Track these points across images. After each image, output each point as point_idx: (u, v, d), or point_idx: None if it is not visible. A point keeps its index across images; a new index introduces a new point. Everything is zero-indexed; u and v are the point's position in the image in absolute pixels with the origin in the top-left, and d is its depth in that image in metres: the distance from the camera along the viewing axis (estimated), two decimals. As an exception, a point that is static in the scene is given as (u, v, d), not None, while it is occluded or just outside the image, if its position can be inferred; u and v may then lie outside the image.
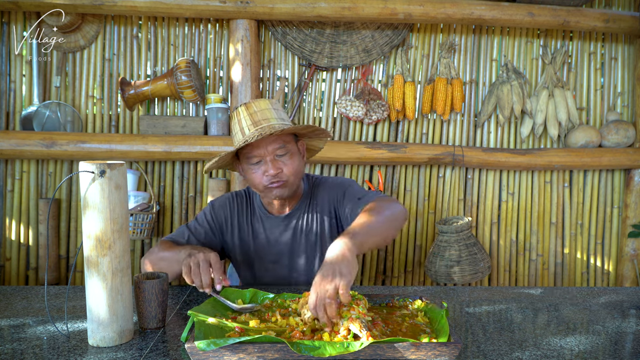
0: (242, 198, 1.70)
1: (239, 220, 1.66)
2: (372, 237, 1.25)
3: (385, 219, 1.33)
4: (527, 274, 3.04)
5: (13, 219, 2.75)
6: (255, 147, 1.46)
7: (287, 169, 1.49)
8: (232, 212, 1.67)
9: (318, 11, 2.59)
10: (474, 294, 1.52)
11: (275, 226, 1.64)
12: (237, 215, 1.66)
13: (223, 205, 1.68)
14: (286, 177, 1.49)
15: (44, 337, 1.12)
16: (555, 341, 1.14)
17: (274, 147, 1.47)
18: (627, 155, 2.86)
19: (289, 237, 1.64)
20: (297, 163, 1.53)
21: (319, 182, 1.69)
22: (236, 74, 2.66)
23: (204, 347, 0.94)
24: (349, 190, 1.59)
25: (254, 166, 1.49)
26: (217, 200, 1.71)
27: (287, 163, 1.49)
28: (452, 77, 2.86)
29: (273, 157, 1.48)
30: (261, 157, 1.48)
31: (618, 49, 3.02)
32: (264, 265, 1.66)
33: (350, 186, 1.62)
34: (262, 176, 1.49)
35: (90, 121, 2.79)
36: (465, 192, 2.99)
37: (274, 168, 1.46)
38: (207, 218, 1.66)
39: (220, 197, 1.72)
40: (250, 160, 1.49)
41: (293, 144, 1.54)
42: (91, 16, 2.72)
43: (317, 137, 1.63)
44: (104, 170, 1.05)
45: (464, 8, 2.66)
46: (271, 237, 1.64)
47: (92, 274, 1.07)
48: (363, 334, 0.99)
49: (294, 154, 1.52)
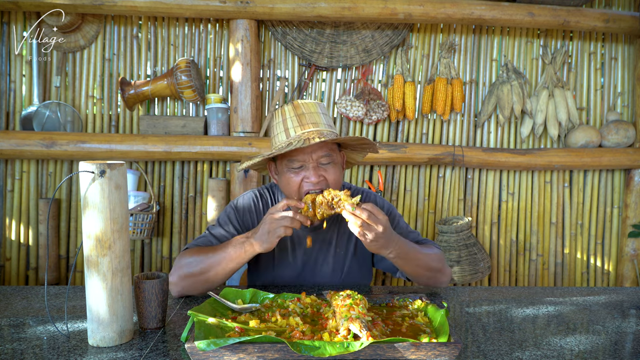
0: (267, 199, 1.59)
1: None
2: (409, 263, 1.39)
3: (434, 271, 1.46)
4: (527, 274, 3.04)
5: (13, 219, 2.75)
6: (300, 152, 1.39)
7: (329, 177, 1.41)
8: (258, 214, 1.56)
9: (318, 11, 2.59)
10: (474, 294, 1.52)
11: (302, 234, 1.56)
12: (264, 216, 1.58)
13: (248, 208, 1.57)
14: (326, 186, 1.41)
15: (44, 337, 1.12)
16: (555, 341, 1.14)
17: (320, 155, 1.40)
18: (627, 155, 2.86)
19: (317, 247, 1.56)
20: (339, 173, 1.45)
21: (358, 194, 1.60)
22: (236, 74, 2.66)
23: (204, 347, 0.94)
24: (401, 220, 1.61)
25: (295, 170, 1.41)
26: (240, 201, 1.58)
27: (329, 172, 1.42)
28: (452, 77, 2.86)
29: (317, 164, 1.40)
30: (304, 163, 1.40)
31: (618, 49, 3.02)
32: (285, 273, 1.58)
33: (399, 217, 1.62)
34: (302, 182, 1.41)
35: (90, 121, 2.79)
36: (465, 192, 2.99)
37: (315, 176, 1.38)
38: (232, 222, 1.53)
39: (243, 198, 1.59)
40: (292, 164, 1.41)
41: (337, 154, 1.47)
42: (91, 16, 2.72)
43: (362, 150, 1.56)
44: (104, 170, 1.05)
45: (464, 8, 2.66)
46: (298, 244, 1.56)
47: (92, 274, 1.07)
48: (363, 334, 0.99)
49: (337, 163, 1.46)
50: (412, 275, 1.45)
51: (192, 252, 1.40)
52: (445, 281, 1.50)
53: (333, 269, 1.59)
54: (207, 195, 2.73)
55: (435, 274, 1.46)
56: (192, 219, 2.86)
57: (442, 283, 1.50)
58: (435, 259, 1.46)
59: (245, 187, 2.68)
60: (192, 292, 1.39)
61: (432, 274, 1.45)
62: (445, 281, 1.50)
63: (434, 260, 1.45)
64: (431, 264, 1.44)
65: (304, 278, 1.59)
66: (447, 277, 1.51)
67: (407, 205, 2.96)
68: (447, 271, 1.51)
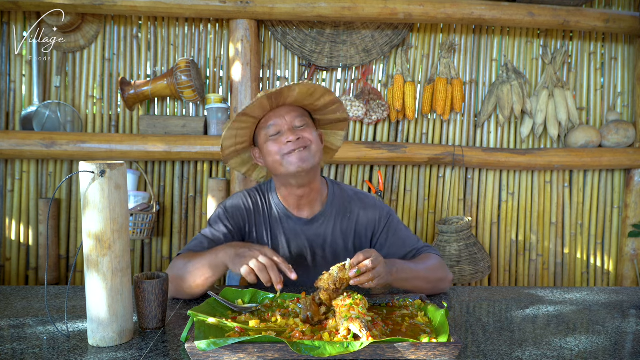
0: (256, 198, 1.58)
1: (257, 222, 1.56)
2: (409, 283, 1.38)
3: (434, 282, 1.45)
4: (527, 274, 3.04)
5: (13, 219, 2.75)
6: (273, 116, 1.43)
7: (307, 136, 1.43)
8: (248, 213, 1.56)
9: (318, 11, 2.59)
10: (474, 294, 1.52)
11: (295, 228, 1.55)
12: (255, 216, 1.56)
13: (238, 208, 1.55)
14: (308, 142, 1.42)
15: (44, 337, 1.12)
16: (555, 341, 1.14)
17: (293, 116, 1.43)
18: (627, 155, 2.86)
19: (310, 242, 1.56)
20: (316, 137, 1.46)
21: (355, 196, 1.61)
22: (236, 74, 2.66)
23: (204, 347, 0.94)
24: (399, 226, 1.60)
25: (273, 138, 1.43)
26: (230, 202, 1.57)
27: (306, 132, 1.43)
28: (452, 77, 2.86)
29: (292, 126, 1.42)
30: (280, 128, 1.42)
31: (618, 49, 3.02)
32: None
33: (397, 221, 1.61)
34: (282, 146, 1.41)
35: (90, 121, 2.79)
36: (465, 192, 2.99)
37: (293, 135, 1.40)
38: (224, 223, 1.52)
39: (233, 199, 1.58)
40: (269, 131, 1.43)
41: (311, 122, 1.48)
42: (91, 16, 2.72)
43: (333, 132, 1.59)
44: (104, 170, 1.05)
45: (464, 8, 2.66)
46: (291, 239, 1.55)
47: (92, 274, 1.07)
48: (363, 334, 0.99)
49: (312, 127, 1.47)
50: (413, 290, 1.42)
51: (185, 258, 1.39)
52: (445, 287, 1.51)
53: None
54: (207, 195, 2.73)
55: (436, 284, 1.46)
56: (192, 219, 2.86)
57: (443, 290, 1.51)
58: (434, 269, 1.46)
59: (245, 187, 2.68)
60: (180, 297, 1.38)
61: (433, 285, 1.45)
62: (445, 287, 1.51)
63: (432, 271, 1.45)
64: (430, 277, 1.43)
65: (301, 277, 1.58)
66: (448, 283, 1.51)
67: (407, 205, 2.96)
68: (448, 277, 1.50)
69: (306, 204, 1.54)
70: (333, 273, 1.17)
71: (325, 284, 1.16)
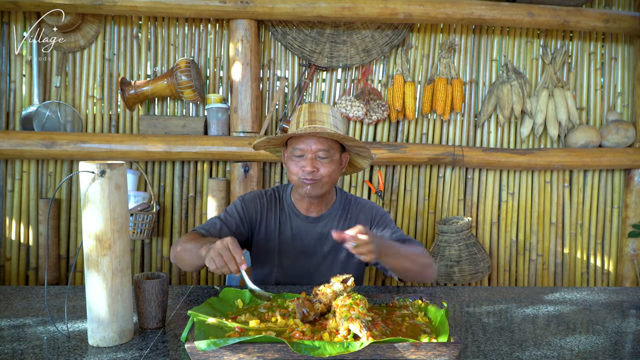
0: (272, 196, 1.77)
1: (268, 216, 1.73)
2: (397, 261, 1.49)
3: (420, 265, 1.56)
4: (527, 274, 3.04)
5: (13, 219, 2.75)
6: (302, 142, 1.58)
7: (323, 170, 1.59)
8: (262, 207, 1.73)
9: (318, 11, 2.59)
10: (474, 294, 1.52)
11: (302, 225, 1.72)
12: (267, 210, 1.73)
13: (253, 200, 1.74)
14: (320, 177, 1.59)
15: (44, 337, 1.12)
16: (555, 341, 1.14)
17: (318, 148, 1.58)
18: (627, 155, 2.86)
19: (314, 238, 1.71)
20: (334, 170, 1.62)
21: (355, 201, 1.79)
22: (236, 74, 2.66)
23: (204, 347, 0.94)
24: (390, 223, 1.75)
25: (296, 158, 1.60)
26: (248, 194, 1.77)
27: (324, 166, 1.59)
28: (452, 77, 2.86)
29: (314, 156, 1.58)
30: (304, 153, 1.58)
31: (618, 49, 3.02)
32: (284, 262, 1.72)
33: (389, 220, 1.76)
34: (299, 170, 1.59)
35: (90, 121, 2.79)
36: (465, 192, 2.99)
37: (310, 166, 1.57)
38: (237, 210, 1.71)
39: (250, 193, 1.79)
40: (294, 152, 1.60)
41: (337, 153, 1.63)
42: (91, 16, 2.72)
43: (360, 155, 1.71)
44: (104, 170, 1.05)
45: (464, 8, 2.66)
46: (297, 235, 1.72)
47: (92, 274, 1.07)
48: (363, 334, 0.99)
49: (334, 162, 1.62)
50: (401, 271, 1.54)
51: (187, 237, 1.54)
52: (432, 275, 1.60)
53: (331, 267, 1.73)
54: (207, 195, 2.73)
55: (423, 268, 1.57)
56: (192, 219, 2.86)
57: (430, 277, 1.61)
58: (420, 255, 1.58)
59: (245, 186, 2.68)
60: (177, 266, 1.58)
61: (420, 267, 1.56)
62: (432, 275, 1.60)
63: (419, 256, 1.57)
64: (417, 259, 1.55)
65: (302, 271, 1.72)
66: (434, 271, 1.62)
67: (407, 205, 2.96)
68: (434, 266, 1.62)
69: (315, 208, 1.72)
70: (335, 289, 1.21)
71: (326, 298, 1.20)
